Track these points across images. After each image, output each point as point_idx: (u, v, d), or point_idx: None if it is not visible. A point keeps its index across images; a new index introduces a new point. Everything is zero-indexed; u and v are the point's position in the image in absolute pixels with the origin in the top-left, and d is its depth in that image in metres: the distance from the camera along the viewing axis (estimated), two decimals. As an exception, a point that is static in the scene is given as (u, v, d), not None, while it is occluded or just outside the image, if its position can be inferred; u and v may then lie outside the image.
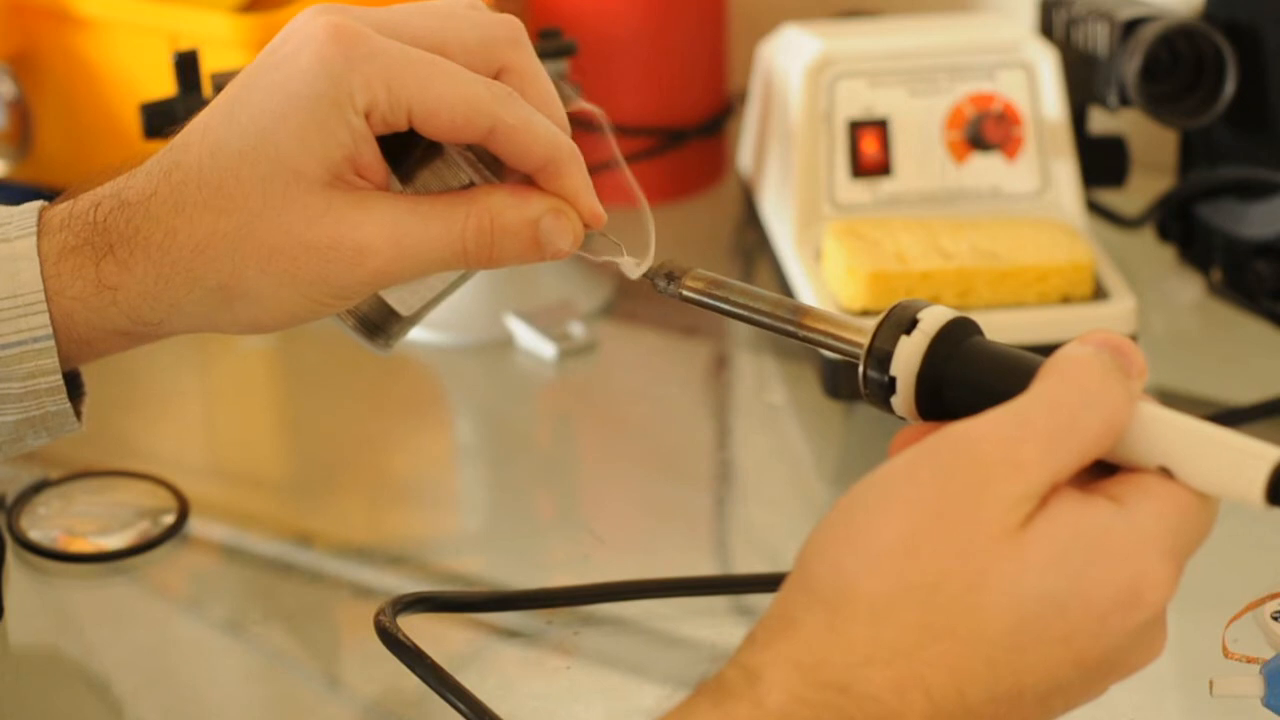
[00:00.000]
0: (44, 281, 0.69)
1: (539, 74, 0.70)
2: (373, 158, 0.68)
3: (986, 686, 0.55)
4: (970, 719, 0.55)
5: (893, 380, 0.60)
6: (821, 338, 0.63)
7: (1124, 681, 0.58)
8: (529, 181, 0.69)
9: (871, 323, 0.61)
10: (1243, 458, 0.56)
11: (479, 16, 0.70)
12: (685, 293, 0.66)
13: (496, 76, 0.69)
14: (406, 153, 0.70)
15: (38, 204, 0.71)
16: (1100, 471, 0.58)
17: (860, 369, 0.61)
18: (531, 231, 0.68)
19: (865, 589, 0.55)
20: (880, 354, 0.60)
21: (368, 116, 0.67)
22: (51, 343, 0.70)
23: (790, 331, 0.64)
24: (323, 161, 0.67)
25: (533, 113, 0.68)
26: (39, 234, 0.70)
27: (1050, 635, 0.55)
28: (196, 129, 0.70)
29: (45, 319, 0.69)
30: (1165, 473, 0.56)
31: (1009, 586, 0.55)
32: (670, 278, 0.66)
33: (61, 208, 0.71)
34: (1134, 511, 0.56)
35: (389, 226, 0.67)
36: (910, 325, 0.60)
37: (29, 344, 0.70)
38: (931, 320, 0.60)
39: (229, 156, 0.68)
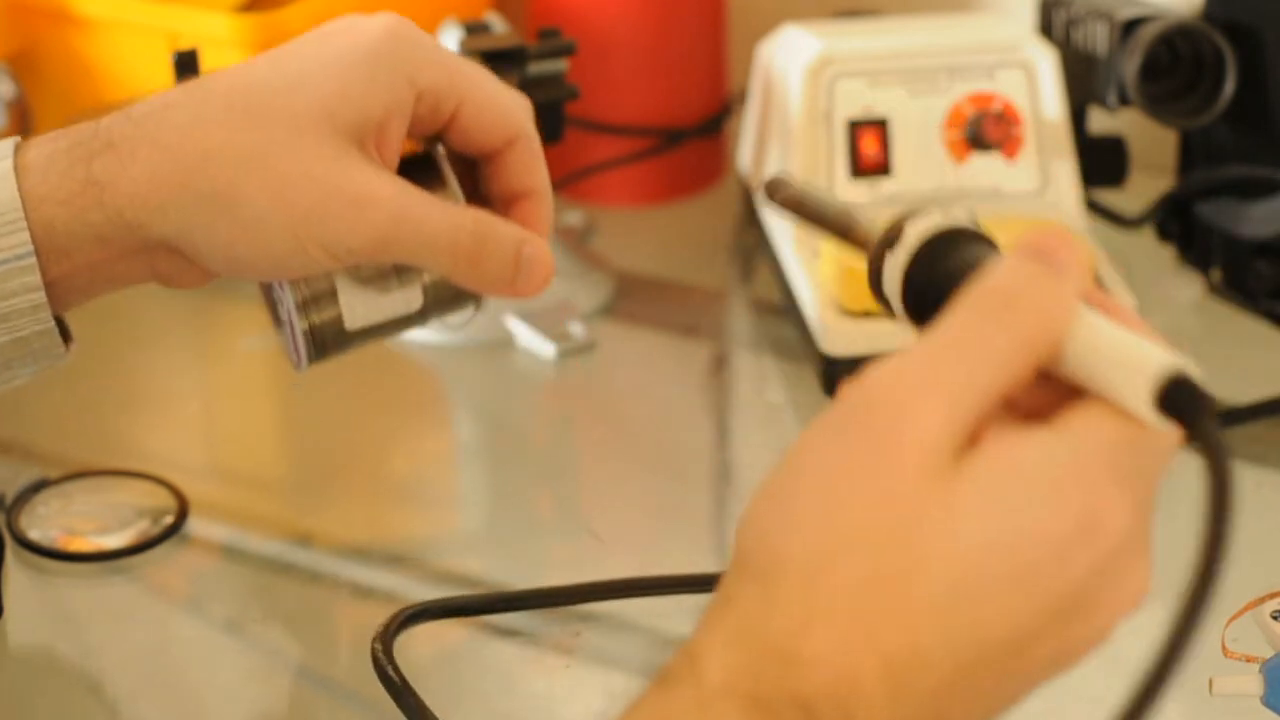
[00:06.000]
0: (27, 190, 0.70)
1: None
2: (397, 136, 0.71)
3: (942, 639, 0.51)
4: (933, 676, 0.51)
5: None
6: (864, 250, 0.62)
7: (1122, 679, 0.57)
8: None
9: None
10: (1138, 363, 0.52)
11: None
12: (774, 204, 0.65)
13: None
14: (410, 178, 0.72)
15: (14, 138, 0.72)
16: (1043, 387, 0.54)
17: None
18: (516, 252, 0.72)
19: (792, 552, 0.52)
20: (876, 271, 0.59)
21: (420, 99, 0.71)
22: (33, 260, 0.70)
23: (849, 240, 0.62)
24: (358, 115, 0.70)
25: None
26: (23, 149, 0.71)
27: (1001, 579, 0.51)
28: (233, 67, 0.72)
29: (25, 236, 0.69)
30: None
31: (945, 530, 0.51)
32: (770, 190, 0.66)
33: (54, 131, 0.72)
34: (1074, 436, 0.52)
35: (395, 193, 0.70)
36: (894, 241, 0.58)
37: (10, 262, 0.70)
38: (913, 235, 0.58)
39: (265, 91, 0.70)
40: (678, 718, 0.52)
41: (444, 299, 0.76)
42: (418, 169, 0.74)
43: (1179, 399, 0.51)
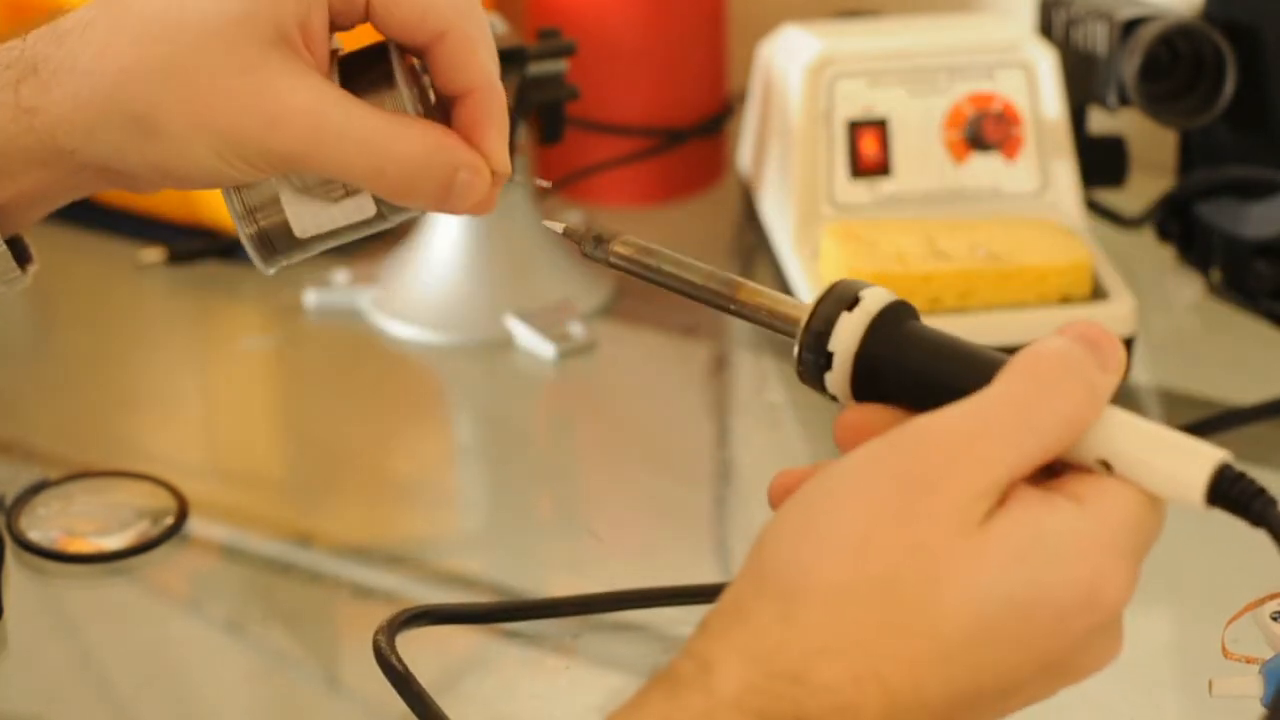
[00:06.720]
0: None
1: (487, 36, 0.70)
2: (320, 28, 0.68)
3: (944, 683, 0.54)
4: (926, 713, 0.54)
5: (829, 357, 0.60)
6: (756, 313, 0.62)
7: (1122, 681, 0.58)
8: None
9: (809, 300, 0.60)
10: (1187, 457, 0.56)
11: None
12: (613, 259, 0.64)
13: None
14: (356, 78, 0.69)
15: None
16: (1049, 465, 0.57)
17: (797, 344, 0.60)
18: (448, 179, 0.67)
19: (821, 579, 0.55)
20: (819, 329, 0.60)
21: None
22: None
23: (723, 305, 0.63)
24: (275, 14, 0.67)
25: (485, 36, 0.68)
26: None
27: (1010, 635, 0.54)
28: None
29: None
30: (1105, 467, 0.56)
31: (968, 585, 0.54)
32: (598, 241, 0.64)
33: None
34: (1094, 511, 0.55)
35: (312, 107, 0.67)
36: (852, 303, 0.59)
37: None
38: (873, 300, 0.59)
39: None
40: None
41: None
42: (368, 65, 0.70)
43: (1230, 489, 0.55)
